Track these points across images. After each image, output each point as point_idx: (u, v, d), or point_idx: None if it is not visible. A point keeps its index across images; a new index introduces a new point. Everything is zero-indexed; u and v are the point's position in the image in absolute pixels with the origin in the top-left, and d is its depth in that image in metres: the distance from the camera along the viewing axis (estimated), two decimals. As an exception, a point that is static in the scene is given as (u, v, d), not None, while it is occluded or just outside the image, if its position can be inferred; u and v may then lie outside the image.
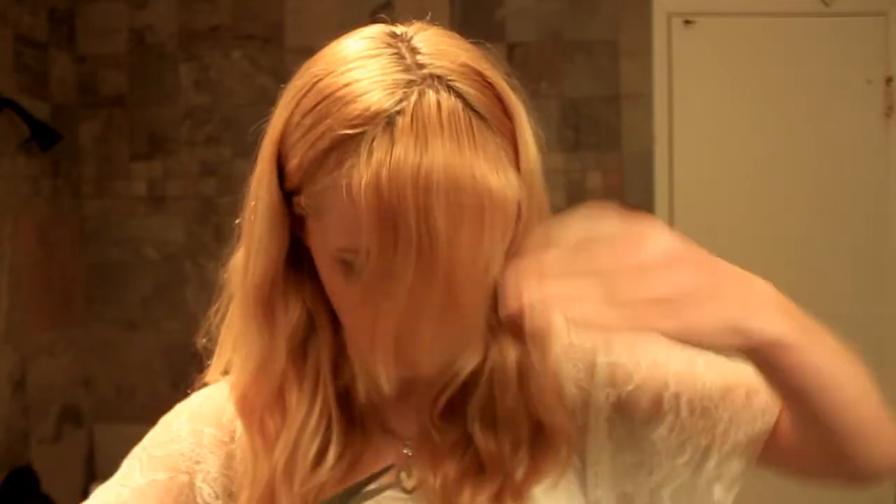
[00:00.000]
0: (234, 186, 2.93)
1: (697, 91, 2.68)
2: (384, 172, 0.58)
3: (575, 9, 2.70)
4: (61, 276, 2.64)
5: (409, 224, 0.58)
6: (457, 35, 0.68)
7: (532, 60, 2.68)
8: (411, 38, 0.65)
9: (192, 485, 0.75)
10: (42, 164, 2.52)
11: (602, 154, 2.70)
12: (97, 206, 2.76)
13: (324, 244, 0.65)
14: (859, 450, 0.67)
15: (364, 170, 0.59)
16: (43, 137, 2.42)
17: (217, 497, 0.75)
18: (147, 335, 2.76)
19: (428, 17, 0.70)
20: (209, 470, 0.75)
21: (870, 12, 2.67)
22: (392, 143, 0.59)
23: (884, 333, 2.63)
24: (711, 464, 0.75)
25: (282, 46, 2.71)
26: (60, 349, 2.61)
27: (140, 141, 2.75)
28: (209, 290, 0.79)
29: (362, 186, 0.59)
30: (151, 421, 0.81)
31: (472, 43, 0.68)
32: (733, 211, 2.68)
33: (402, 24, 0.69)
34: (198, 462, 0.75)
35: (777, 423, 0.74)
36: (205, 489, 0.75)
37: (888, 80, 2.67)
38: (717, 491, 0.76)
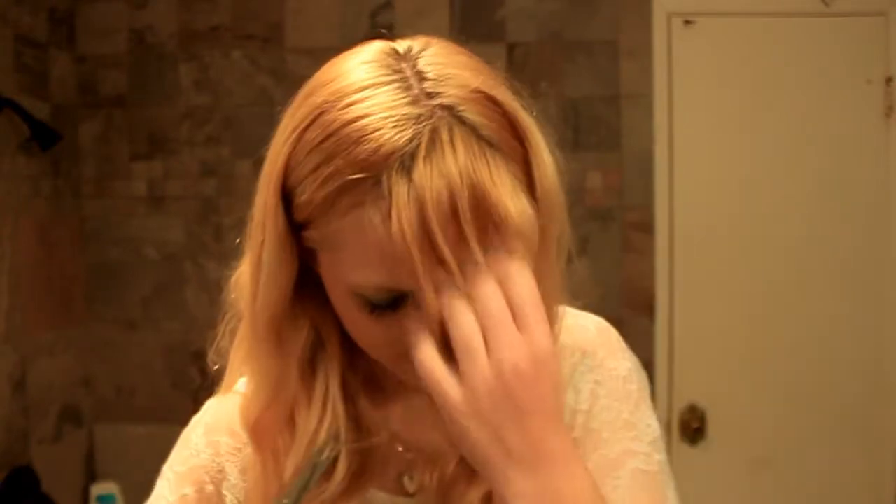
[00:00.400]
0: (234, 186, 2.94)
1: (697, 91, 2.68)
2: (405, 216, 0.58)
3: (575, 9, 2.69)
4: (61, 276, 2.63)
5: (445, 257, 0.58)
6: (463, 50, 0.66)
7: (532, 60, 2.68)
8: (416, 58, 0.63)
9: (219, 493, 0.77)
10: (42, 164, 2.52)
11: (602, 154, 2.70)
12: (97, 206, 2.76)
13: (337, 277, 0.65)
14: None
15: (382, 214, 0.59)
16: (43, 137, 2.42)
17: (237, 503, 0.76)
18: (147, 335, 2.76)
19: (444, 36, 0.68)
20: (229, 478, 0.77)
21: (870, 12, 2.66)
22: (409, 185, 0.58)
23: (884, 333, 2.63)
24: None
25: (282, 46, 2.71)
26: (60, 349, 2.61)
27: (140, 141, 2.75)
28: (209, 290, 0.80)
29: (380, 228, 0.59)
30: (151, 421, 0.82)
31: (479, 63, 0.66)
32: (733, 211, 2.68)
33: (403, 37, 0.66)
34: (220, 471, 0.77)
35: None
36: (228, 497, 0.77)
37: (888, 80, 2.66)
38: None
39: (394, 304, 0.63)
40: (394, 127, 0.59)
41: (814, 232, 2.65)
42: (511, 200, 0.60)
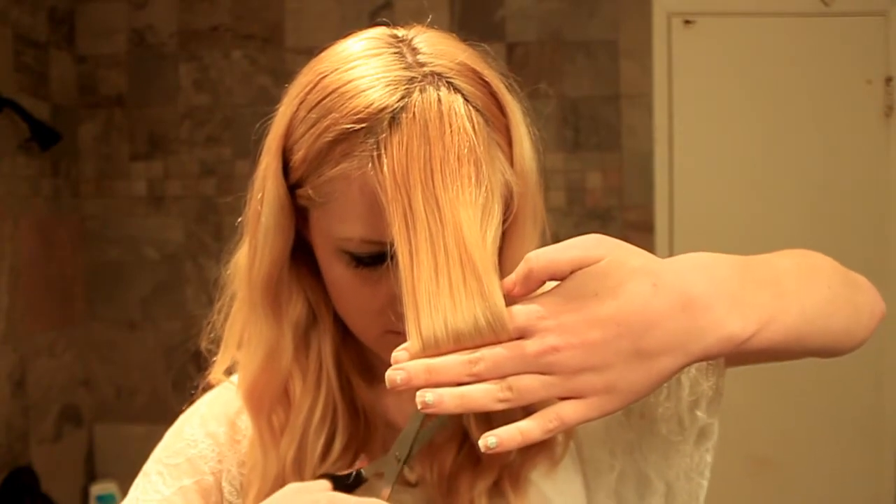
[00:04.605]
0: (234, 186, 2.94)
1: (697, 91, 2.68)
2: (392, 164, 0.60)
3: (575, 9, 2.70)
4: (61, 276, 2.63)
5: (420, 211, 0.59)
6: (455, 37, 0.70)
7: (532, 60, 2.68)
8: (412, 39, 0.67)
9: (218, 484, 0.76)
10: (42, 164, 2.52)
11: (602, 154, 2.70)
12: (97, 205, 2.76)
13: (327, 233, 0.67)
14: (837, 350, 0.70)
15: (371, 162, 0.61)
16: (43, 137, 2.42)
17: (237, 495, 0.76)
18: (147, 335, 2.76)
19: (429, 20, 0.71)
20: (230, 468, 0.76)
21: (870, 12, 2.67)
22: (397, 137, 0.61)
23: (884, 334, 2.63)
24: (686, 392, 0.75)
25: (282, 46, 2.71)
26: (60, 349, 2.61)
27: (140, 141, 2.75)
28: (209, 290, 0.79)
29: (368, 178, 0.61)
30: (151, 421, 0.81)
31: (471, 44, 0.69)
32: (733, 211, 2.68)
33: (402, 27, 0.70)
34: (220, 461, 0.77)
35: None
36: (227, 488, 0.76)
37: (888, 80, 2.67)
38: (700, 415, 0.76)
39: (377, 259, 0.65)
40: (387, 86, 0.63)
41: (814, 232, 2.65)
42: (490, 163, 0.62)
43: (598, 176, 2.70)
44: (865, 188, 2.67)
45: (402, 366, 0.57)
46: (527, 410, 0.60)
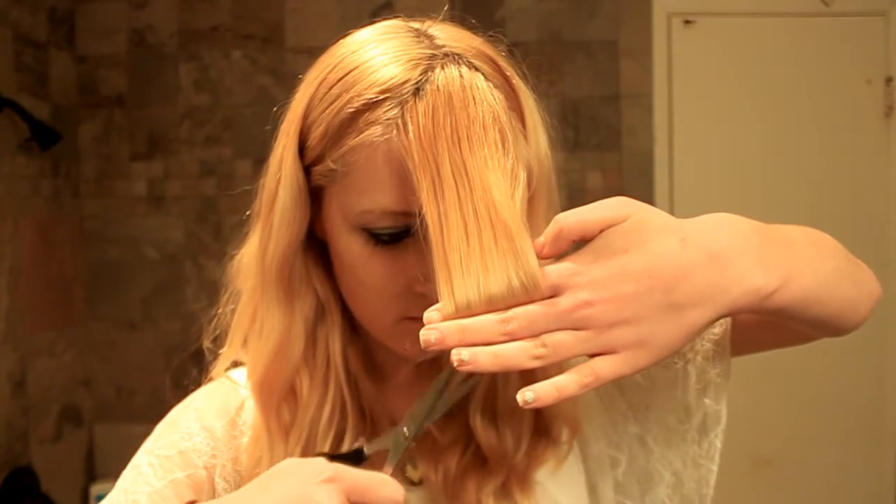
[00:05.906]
0: (234, 186, 2.93)
1: (697, 91, 2.68)
2: (419, 131, 0.61)
3: (575, 9, 2.70)
4: (61, 276, 2.63)
5: (448, 176, 0.59)
6: (467, 29, 0.72)
7: (532, 60, 2.68)
8: (426, 29, 0.69)
9: (211, 480, 0.75)
10: (42, 164, 2.52)
11: (602, 154, 2.70)
12: (97, 205, 2.76)
13: (347, 209, 0.66)
14: (842, 323, 0.70)
15: (396, 129, 0.62)
16: (43, 137, 2.42)
17: (231, 491, 0.74)
18: (147, 335, 2.76)
19: (445, 9, 0.74)
20: (224, 464, 0.75)
21: (870, 12, 2.67)
22: (422, 106, 0.62)
23: (884, 333, 2.63)
24: (693, 380, 0.75)
25: (282, 46, 2.71)
26: (60, 349, 2.61)
27: (140, 141, 2.75)
28: (209, 290, 0.79)
29: (393, 145, 0.62)
30: (151, 421, 0.80)
31: (481, 33, 0.72)
32: (733, 211, 2.66)
33: (415, 20, 0.72)
34: (214, 456, 0.75)
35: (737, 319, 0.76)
36: (220, 483, 0.75)
37: (888, 80, 2.67)
38: (708, 402, 0.76)
39: (395, 237, 0.65)
40: (409, 61, 0.65)
41: (814, 232, 2.65)
42: (512, 129, 0.63)
43: (598, 176, 2.70)
44: (865, 188, 2.67)
45: (436, 326, 0.57)
46: (525, 380, 0.60)
